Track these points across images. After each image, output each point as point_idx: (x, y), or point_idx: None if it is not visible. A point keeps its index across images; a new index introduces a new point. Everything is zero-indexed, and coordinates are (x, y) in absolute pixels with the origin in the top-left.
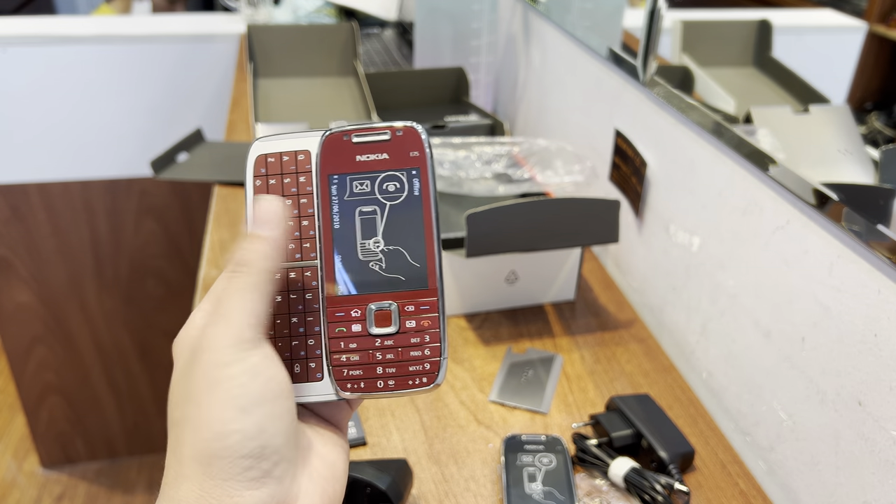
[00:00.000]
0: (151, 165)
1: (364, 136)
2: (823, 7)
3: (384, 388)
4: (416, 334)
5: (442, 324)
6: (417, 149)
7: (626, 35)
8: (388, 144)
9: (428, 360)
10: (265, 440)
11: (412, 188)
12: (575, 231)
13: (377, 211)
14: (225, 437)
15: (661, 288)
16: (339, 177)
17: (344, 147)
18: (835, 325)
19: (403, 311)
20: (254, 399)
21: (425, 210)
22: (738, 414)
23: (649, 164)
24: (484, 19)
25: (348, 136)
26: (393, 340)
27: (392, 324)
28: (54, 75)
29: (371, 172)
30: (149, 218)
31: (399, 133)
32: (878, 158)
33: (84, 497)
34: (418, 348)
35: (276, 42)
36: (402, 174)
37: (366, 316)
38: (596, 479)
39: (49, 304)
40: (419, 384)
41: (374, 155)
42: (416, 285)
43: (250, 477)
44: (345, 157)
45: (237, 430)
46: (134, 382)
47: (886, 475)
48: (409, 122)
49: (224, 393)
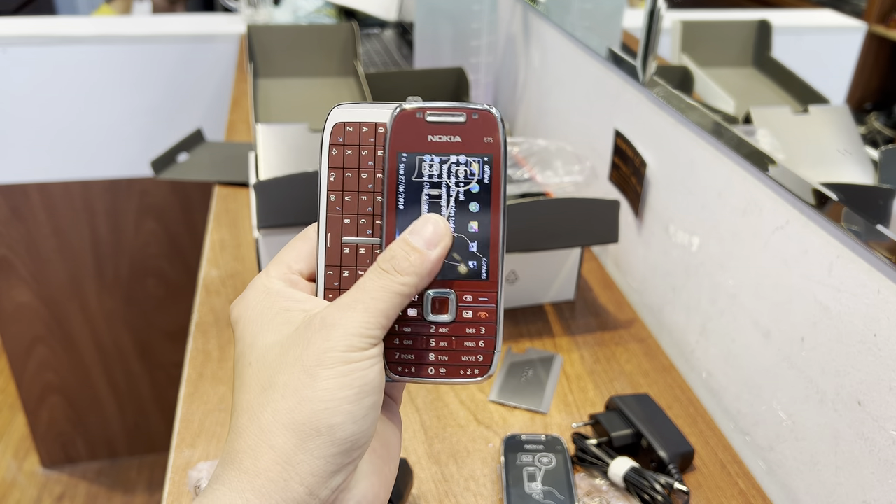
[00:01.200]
0: (152, 165)
1: (438, 116)
2: (823, 7)
3: (435, 375)
4: (472, 325)
5: (499, 317)
6: (492, 135)
7: (625, 35)
8: (463, 127)
9: (482, 353)
10: (364, 428)
11: (483, 176)
12: (575, 231)
13: (444, 195)
14: (336, 415)
15: (661, 288)
16: (409, 155)
17: (417, 125)
18: (834, 325)
19: (461, 300)
20: (369, 389)
21: (494, 200)
22: (738, 414)
23: (649, 165)
24: (484, 19)
25: (422, 113)
26: (448, 329)
27: (449, 312)
28: (54, 75)
29: (442, 154)
30: (149, 218)
31: (475, 116)
32: (878, 158)
33: (84, 497)
34: (473, 339)
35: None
36: (475, 160)
37: (423, 301)
38: (596, 479)
39: (49, 304)
40: (470, 375)
41: (446, 136)
42: (476, 276)
43: (340, 462)
44: (416, 136)
45: (348, 412)
46: (134, 382)
47: (886, 475)
48: (486, 106)
49: (348, 375)
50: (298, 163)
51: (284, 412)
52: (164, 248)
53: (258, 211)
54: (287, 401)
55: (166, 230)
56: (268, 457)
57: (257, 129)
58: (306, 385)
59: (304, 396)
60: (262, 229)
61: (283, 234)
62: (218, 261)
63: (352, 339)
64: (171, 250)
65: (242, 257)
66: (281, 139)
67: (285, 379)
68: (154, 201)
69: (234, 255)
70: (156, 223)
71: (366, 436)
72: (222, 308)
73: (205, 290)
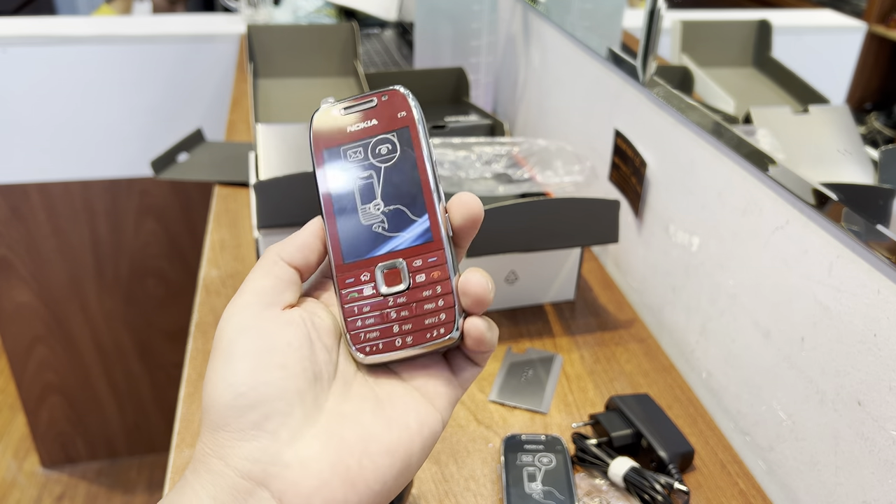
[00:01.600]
0: (152, 165)
1: (351, 107)
2: (823, 7)
3: (403, 346)
4: (427, 287)
5: (452, 274)
6: (404, 109)
7: (625, 35)
8: (376, 110)
9: (443, 311)
10: (249, 388)
11: (404, 147)
12: (575, 231)
13: (373, 175)
14: (214, 388)
15: (661, 288)
16: (333, 149)
17: (334, 121)
18: (834, 325)
19: (412, 266)
20: (240, 351)
21: (420, 166)
22: (738, 414)
23: (649, 165)
24: (484, 19)
25: (337, 110)
26: (405, 297)
27: (402, 281)
28: (54, 75)
29: (362, 140)
30: (149, 218)
31: (384, 98)
32: (878, 158)
33: (84, 497)
34: (431, 300)
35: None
36: (393, 135)
37: (375, 277)
38: (596, 479)
39: (49, 304)
40: (437, 336)
41: (363, 123)
42: (420, 240)
43: (239, 427)
44: (336, 131)
45: (223, 379)
46: (134, 382)
47: (886, 475)
48: (393, 86)
49: (217, 347)
50: (298, 163)
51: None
52: (164, 248)
53: (258, 211)
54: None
55: (166, 230)
56: (198, 443)
57: (257, 129)
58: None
59: (204, 384)
60: (262, 229)
61: (283, 234)
62: (218, 261)
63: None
64: (171, 250)
65: (242, 257)
66: (281, 139)
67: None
68: (154, 201)
69: (234, 255)
70: (156, 223)
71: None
72: (222, 308)
73: (205, 290)
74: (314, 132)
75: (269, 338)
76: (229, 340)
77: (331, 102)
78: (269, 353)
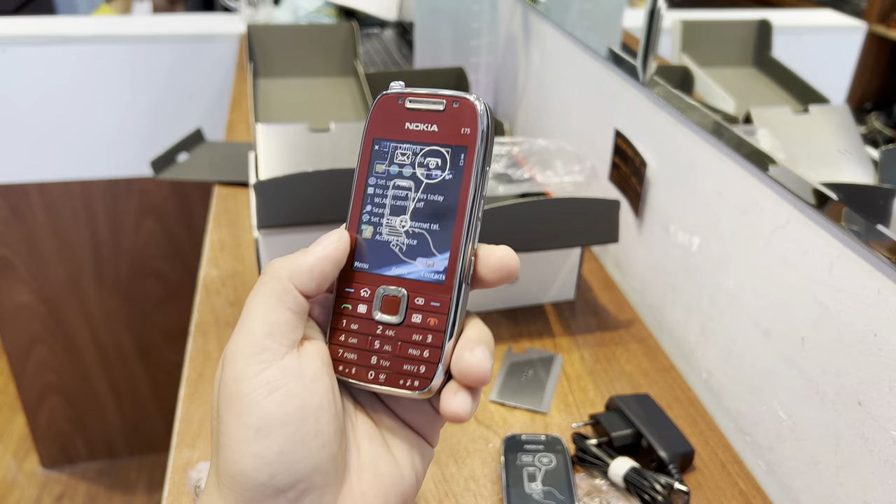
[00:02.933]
0: (151, 165)
1: (418, 103)
2: (823, 7)
3: (374, 381)
4: (419, 331)
5: (448, 326)
6: (470, 126)
7: (626, 35)
8: (441, 116)
9: (424, 363)
10: (287, 466)
11: (454, 168)
12: (575, 231)
13: (412, 187)
14: (242, 461)
15: (661, 288)
16: (383, 143)
17: (396, 111)
18: (834, 325)
19: (412, 302)
20: (272, 419)
21: (462, 196)
22: (738, 414)
23: (649, 164)
24: (484, 19)
25: (403, 99)
26: (394, 332)
27: (398, 313)
28: (54, 75)
29: (415, 143)
30: (149, 218)
31: (455, 105)
32: (878, 158)
33: (84, 497)
34: (418, 347)
35: (276, 42)
36: (447, 151)
37: (374, 298)
38: (596, 479)
39: (49, 304)
40: (409, 386)
41: (423, 125)
42: (432, 277)
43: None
44: (394, 122)
45: (254, 455)
46: (134, 382)
47: (886, 475)
48: (468, 94)
49: (240, 409)
50: (298, 163)
51: (218, 461)
52: (164, 248)
53: (258, 211)
54: (218, 448)
55: (166, 230)
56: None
57: (257, 128)
58: (222, 431)
59: (223, 443)
60: (261, 229)
61: (283, 234)
62: (218, 261)
63: (238, 366)
64: (170, 250)
65: (242, 257)
66: (281, 139)
67: (216, 424)
68: (154, 201)
69: (234, 255)
70: (155, 223)
71: (296, 473)
72: (222, 308)
73: (205, 290)
74: (374, 114)
75: (302, 403)
76: (253, 402)
77: (401, 87)
78: (304, 422)
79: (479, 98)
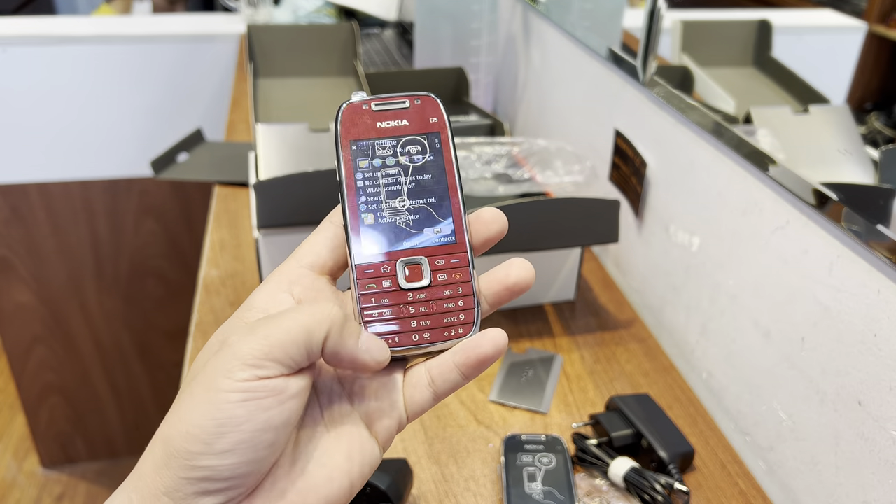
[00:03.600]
0: (151, 165)
1: (383, 105)
2: (823, 7)
3: (420, 341)
4: (448, 286)
5: (473, 276)
6: (436, 116)
7: (626, 35)
8: (408, 112)
9: (463, 311)
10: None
11: (434, 151)
12: (575, 231)
13: (401, 172)
14: (192, 442)
15: (661, 288)
16: (361, 142)
17: (364, 115)
18: (834, 325)
19: (434, 264)
20: (234, 423)
21: (448, 171)
22: (738, 414)
23: (649, 164)
24: (484, 19)
25: (367, 104)
26: (425, 294)
27: (423, 278)
28: (54, 75)
29: (392, 138)
30: (149, 218)
31: (417, 102)
32: (878, 158)
33: (84, 497)
34: (452, 300)
35: (276, 42)
36: (423, 138)
37: (396, 271)
38: (596, 479)
39: (49, 304)
40: (456, 335)
41: (394, 122)
42: (444, 241)
43: (204, 488)
44: (366, 125)
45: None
46: (134, 382)
47: (886, 475)
48: (426, 93)
49: (213, 405)
50: (298, 163)
51: (166, 423)
52: (164, 248)
53: (258, 211)
54: (172, 412)
55: (166, 230)
56: (149, 462)
57: (257, 128)
58: (184, 402)
59: (179, 414)
60: (261, 229)
61: (283, 234)
62: (218, 261)
63: (233, 366)
64: (170, 250)
65: (242, 257)
66: (281, 139)
67: (183, 390)
68: (154, 201)
69: (233, 255)
70: (155, 223)
71: (233, 471)
72: (222, 308)
73: (205, 290)
74: (342, 122)
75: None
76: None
77: (361, 97)
78: (264, 433)
79: (432, 94)
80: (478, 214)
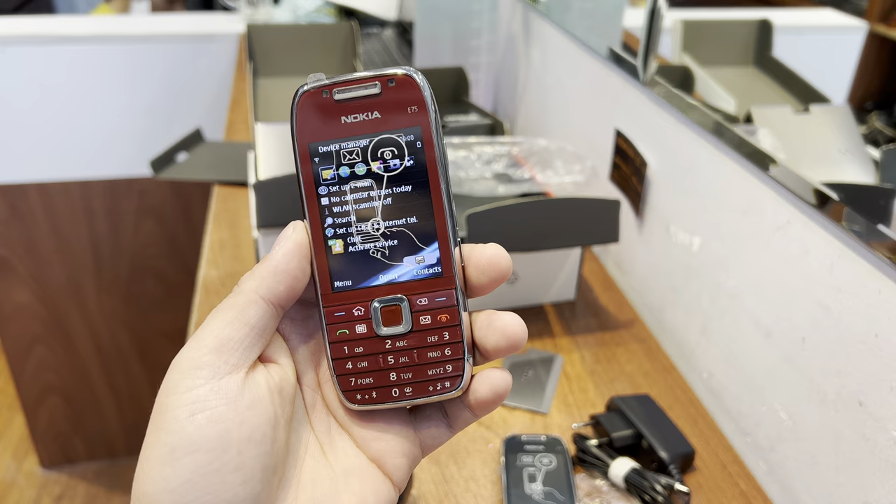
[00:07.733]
0: (151, 165)
1: (347, 91)
2: (824, 7)
3: (400, 397)
4: (432, 332)
5: (462, 319)
6: (416, 102)
7: (626, 35)
8: (379, 100)
9: (450, 361)
10: (193, 497)
11: (413, 152)
12: (575, 231)
13: (373, 185)
14: (148, 481)
15: (662, 288)
16: (322, 145)
17: (325, 107)
18: (835, 326)
19: (415, 305)
20: (186, 442)
21: (432, 180)
22: (739, 414)
23: (650, 164)
24: (484, 19)
25: (328, 91)
26: (406, 341)
27: (403, 321)
28: (53, 75)
29: (360, 137)
30: (149, 218)
31: (391, 84)
32: (879, 158)
33: (84, 497)
34: (437, 348)
35: (276, 42)
36: (400, 136)
37: (370, 314)
38: (596, 480)
39: (49, 304)
40: (440, 389)
41: (362, 115)
42: (427, 273)
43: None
44: (327, 120)
45: (161, 478)
46: (134, 382)
47: (887, 475)
48: (403, 68)
49: (160, 424)
50: None
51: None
52: (164, 248)
53: (258, 211)
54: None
55: (165, 230)
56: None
57: (257, 128)
58: (146, 441)
59: (142, 456)
60: (261, 229)
61: None
62: (217, 261)
63: (173, 378)
64: (170, 250)
65: (242, 257)
66: (281, 139)
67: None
68: (153, 201)
69: (233, 255)
70: (155, 223)
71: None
72: None
73: (204, 290)
74: (298, 117)
75: (226, 430)
76: (174, 419)
77: (321, 80)
78: (223, 452)
79: (412, 69)
80: (473, 247)
